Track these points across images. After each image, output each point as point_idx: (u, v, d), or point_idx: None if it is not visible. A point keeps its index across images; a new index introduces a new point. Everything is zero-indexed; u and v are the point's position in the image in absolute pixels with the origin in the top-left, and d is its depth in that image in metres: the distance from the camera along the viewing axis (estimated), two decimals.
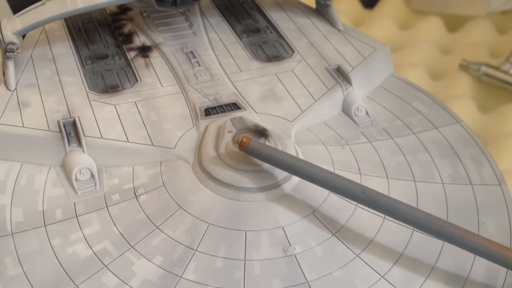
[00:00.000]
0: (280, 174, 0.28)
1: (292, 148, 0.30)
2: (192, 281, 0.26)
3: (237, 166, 0.28)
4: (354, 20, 0.53)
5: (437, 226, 0.25)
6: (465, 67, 0.45)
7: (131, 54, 0.36)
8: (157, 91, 0.33)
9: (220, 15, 0.40)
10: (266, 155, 0.27)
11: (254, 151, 0.28)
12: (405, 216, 0.26)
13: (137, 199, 0.29)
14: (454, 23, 0.52)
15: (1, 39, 0.32)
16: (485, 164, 0.32)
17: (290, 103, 0.33)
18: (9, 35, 0.32)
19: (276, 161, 0.27)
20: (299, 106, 0.33)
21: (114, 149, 0.30)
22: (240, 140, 0.28)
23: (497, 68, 0.44)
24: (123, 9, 0.40)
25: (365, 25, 0.52)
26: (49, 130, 0.30)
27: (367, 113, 0.34)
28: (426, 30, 0.50)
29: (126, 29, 0.38)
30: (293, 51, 0.37)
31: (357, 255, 0.27)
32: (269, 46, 0.37)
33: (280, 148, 0.29)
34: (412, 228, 0.28)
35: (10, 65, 0.32)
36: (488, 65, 0.44)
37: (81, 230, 0.27)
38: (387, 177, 0.31)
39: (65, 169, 0.30)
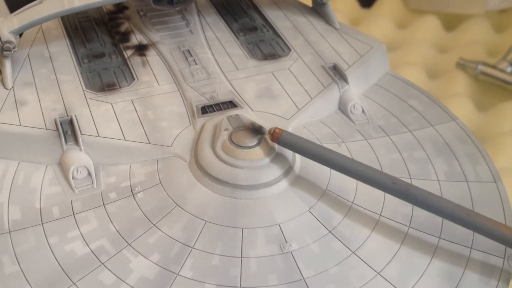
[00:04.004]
0: (277, 171, 0.29)
1: None
2: (189, 278, 0.26)
3: (233, 163, 0.28)
4: (352, 19, 0.53)
5: (465, 216, 0.26)
6: (462, 65, 0.45)
7: (128, 53, 0.36)
8: (154, 89, 0.33)
9: (217, 13, 0.40)
10: (298, 146, 0.28)
11: (286, 142, 0.28)
12: (433, 205, 0.26)
13: (134, 197, 0.29)
14: (451, 22, 0.52)
15: None
16: (481, 162, 0.32)
17: (286, 101, 0.34)
18: (6, 34, 0.32)
19: (308, 152, 0.28)
20: (295, 104, 0.33)
21: (111, 147, 0.30)
22: (272, 131, 0.28)
23: (494, 67, 0.44)
24: (120, 8, 0.40)
25: (362, 24, 0.52)
26: (46, 129, 0.30)
27: (363, 111, 0.35)
28: (423, 29, 0.50)
29: (123, 28, 0.38)
30: (290, 50, 0.37)
31: (353, 252, 0.27)
32: (265, 45, 0.38)
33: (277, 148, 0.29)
34: (409, 225, 0.28)
35: (7, 64, 0.33)
36: (485, 64, 0.44)
37: (78, 228, 0.27)
38: None
39: (62, 167, 0.30)
